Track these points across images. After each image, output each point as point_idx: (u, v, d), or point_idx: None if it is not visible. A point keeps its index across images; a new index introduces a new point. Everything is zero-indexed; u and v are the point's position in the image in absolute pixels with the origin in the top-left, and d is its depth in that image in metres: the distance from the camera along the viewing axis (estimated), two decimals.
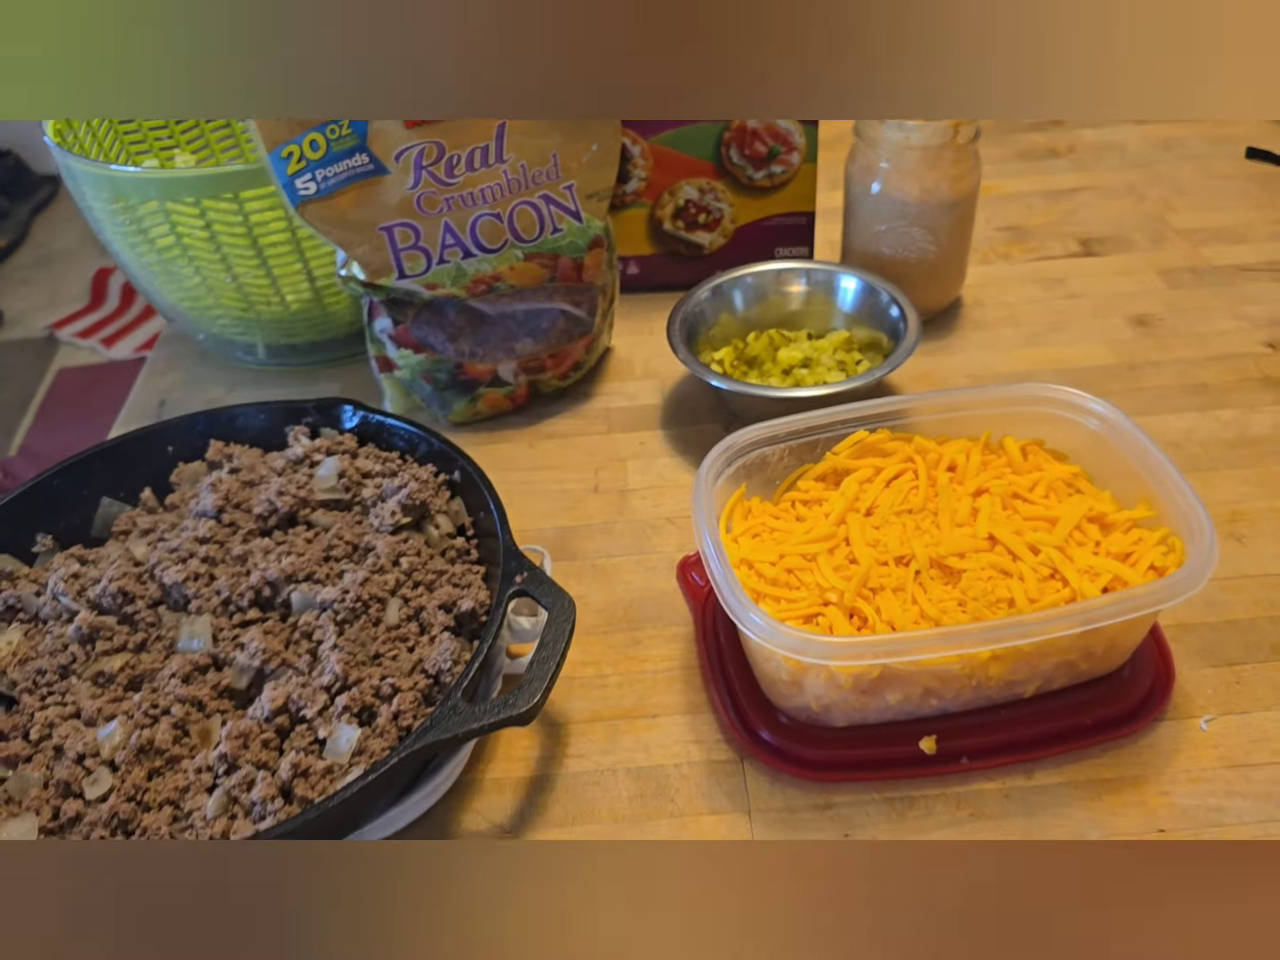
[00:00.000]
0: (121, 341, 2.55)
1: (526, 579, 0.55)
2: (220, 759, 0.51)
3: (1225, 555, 0.63)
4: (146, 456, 0.68)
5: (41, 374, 2.49)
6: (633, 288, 0.88)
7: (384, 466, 0.65)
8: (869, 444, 0.60)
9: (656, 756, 0.56)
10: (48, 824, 0.50)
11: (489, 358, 0.74)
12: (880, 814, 0.52)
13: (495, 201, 0.69)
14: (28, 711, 0.55)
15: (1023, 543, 0.54)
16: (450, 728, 0.49)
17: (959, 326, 0.83)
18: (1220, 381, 0.75)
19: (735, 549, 0.56)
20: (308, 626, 0.56)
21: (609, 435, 0.76)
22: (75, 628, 0.56)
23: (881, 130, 0.74)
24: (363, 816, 0.51)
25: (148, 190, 0.70)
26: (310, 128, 0.64)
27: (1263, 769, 0.53)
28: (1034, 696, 0.55)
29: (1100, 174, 1.00)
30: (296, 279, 0.76)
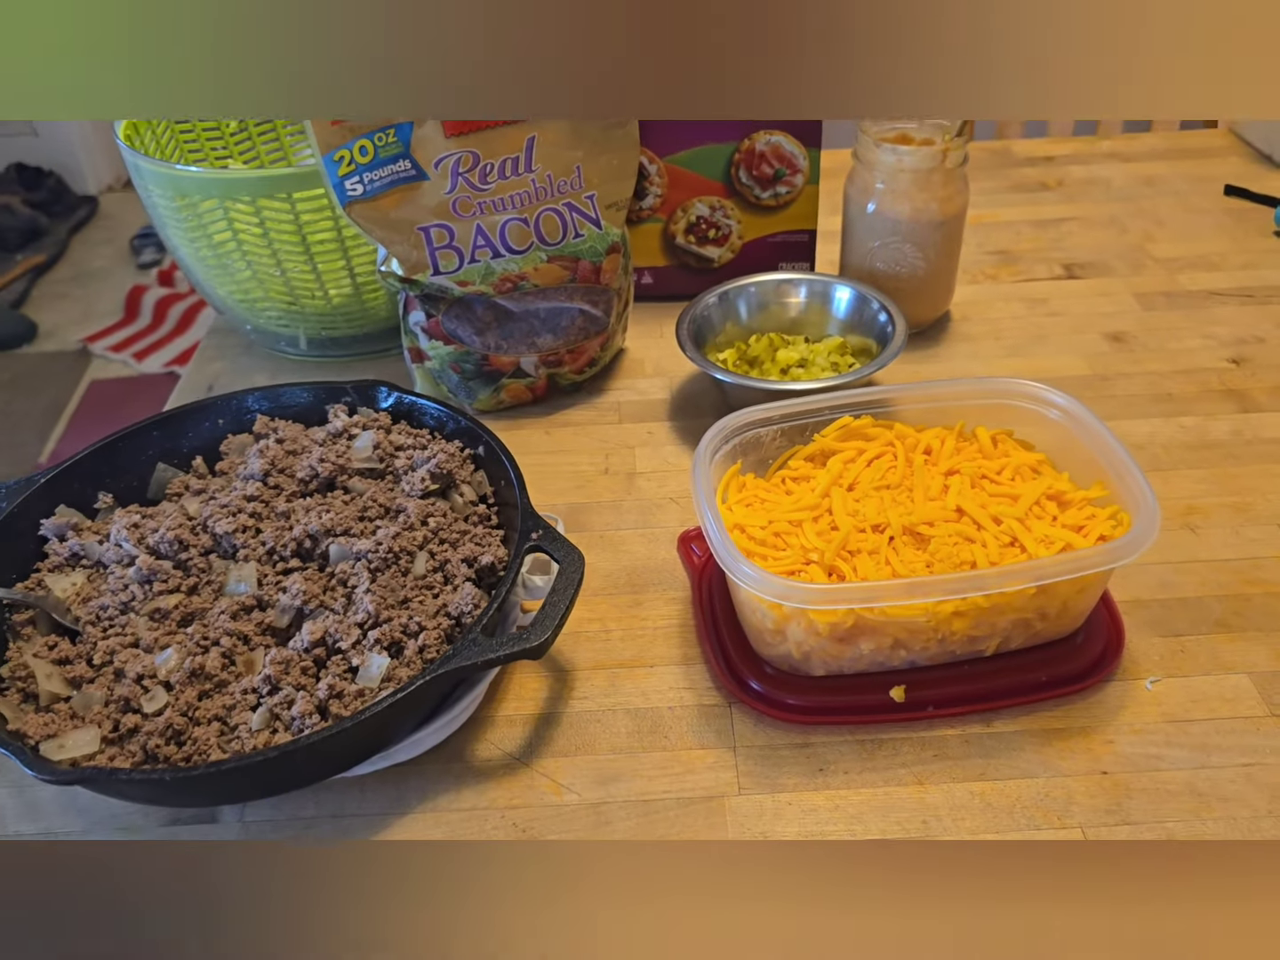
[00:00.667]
0: (152, 356, 2.64)
1: (541, 536, 0.61)
2: (264, 681, 0.57)
3: (1178, 543, 0.69)
4: (199, 427, 0.74)
5: (74, 385, 2.58)
6: (646, 297, 0.96)
7: (415, 441, 0.71)
8: (853, 429, 0.66)
9: (653, 700, 0.62)
10: (109, 734, 0.56)
11: (513, 351, 0.81)
12: (852, 753, 0.58)
13: (523, 207, 0.76)
14: (90, 641, 0.62)
15: (987, 514, 0.60)
16: (471, 656, 0.55)
17: (946, 338, 0.90)
18: (1184, 392, 0.82)
19: (730, 515, 0.62)
20: (344, 574, 0.63)
21: (619, 425, 0.82)
22: (136, 569, 0.63)
23: (877, 154, 0.81)
24: (389, 736, 0.57)
25: (209, 189, 0.78)
26: (360, 134, 0.71)
27: (1199, 724, 0.58)
28: (995, 654, 0.60)
29: (1086, 206, 1.07)
30: (339, 275, 0.83)
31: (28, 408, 2.51)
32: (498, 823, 0.56)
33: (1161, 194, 1.09)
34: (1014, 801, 0.55)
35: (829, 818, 0.55)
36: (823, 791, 0.56)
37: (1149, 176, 1.12)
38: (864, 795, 0.56)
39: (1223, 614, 0.64)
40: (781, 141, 0.86)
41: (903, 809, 0.55)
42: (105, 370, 2.62)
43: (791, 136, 0.86)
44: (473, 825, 0.56)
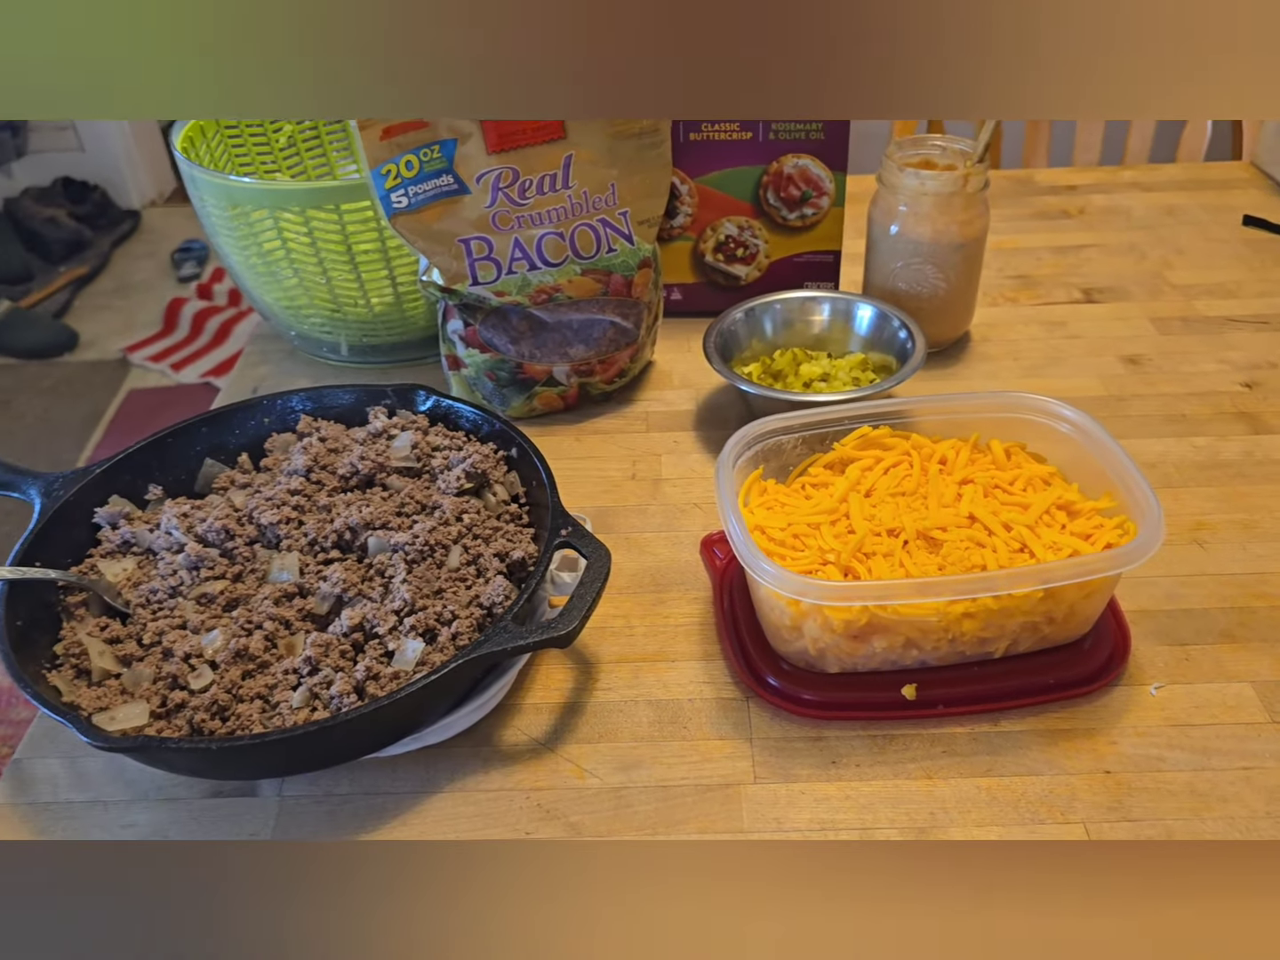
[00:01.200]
0: (189, 367, 2.70)
1: (571, 533, 0.64)
2: (305, 662, 0.60)
3: (1187, 557, 0.71)
4: (246, 425, 0.78)
5: (113, 394, 2.64)
6: (675, 312, 0.99)
7: (451, 442, 0.75)
8: (872, 438, 0.69)
9: (674, 692, 0.64)
10: (157, 709, 0.60)
11: (546, 360, 0.84)
12: (864, 747, 0.61)
13: (559, 222, 0.80)
14: (140, 622, 0.65)
15: (998, 521, 0.62)
16: (502, 642, 0.58)
17: (965, 358, 0.92)
18: (1198, 413, 0.84)
19: (751, 517, 0.65)
20: (381, 565, 0.66)
21: (647, 434, 0.86)
22: (185, 555, 0.66)
23: (901, 178, 0.84)
24: (422, 718, 0.60)
25: (261, 200, 0.82)
26: (407, 150, 0.75)
27: (1201, 729, 0.60)
28: (1003, 657, 0.63)
29: (1106, 234, 1.10)
30: (382, 284, 0.87)
31: (67, 415, 2.57)
32: (523, 804, 0.59)
33: (1181, 223, 1.11)
34: (1019, 797, 0.58)
35: (840, 807, 0.58)
36: (835, 782, 0.59)
37: (1169, 206, 1.14)
38: (874, 787, 0.59)
39: (1228, 625, 0.66)
40: (809, 165, 0.90)
41: (912, 801, 0.58)
42: (143, 380, 2.68)
43: (819, 160, 0.90)
44: (499, 806, 0.59)
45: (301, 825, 0.59)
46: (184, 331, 2.83)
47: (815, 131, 0.88)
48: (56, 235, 3.07)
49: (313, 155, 1.05)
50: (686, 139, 0.89)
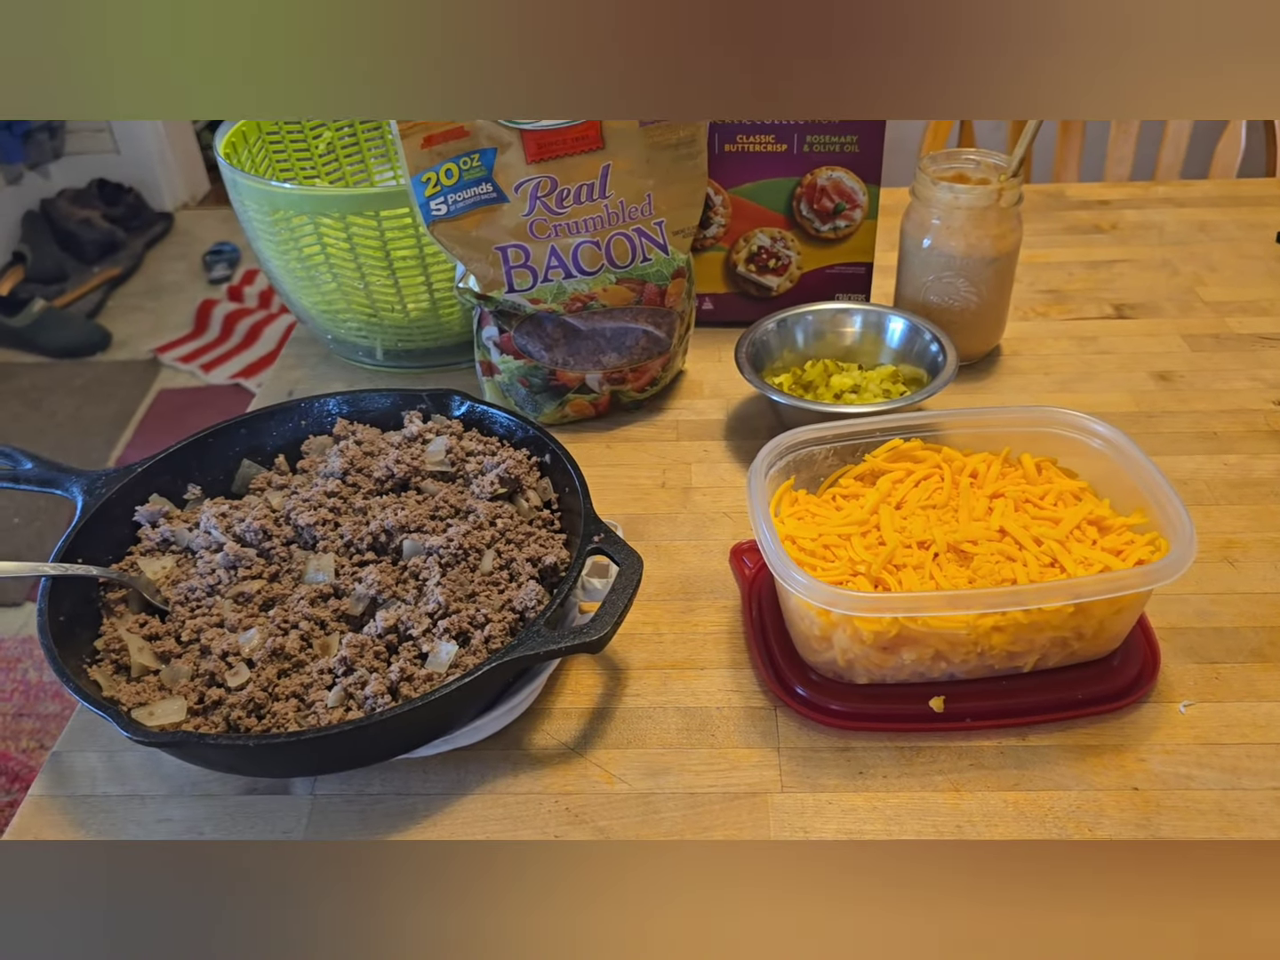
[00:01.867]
0: (219, 368, 2.73)
1: (603, 539, 0.65)
2: (340, 662, 0.61)
3: (1218, 575, 0.71)
4: (283, 427, 0.79)
5: (143, 394, 2.67)
6: (707, 322, 1.00)
7: (485, 447, 0.75)
8: (903, 451, 0.70)
9: (702, 700, 0.65)
10: (194, 705, 0.61)
11: (579, 367, 0.85)
12: (891, 759, 0.61)
13: (595, 231, 0.81)
14: (179, 620, 0.66)
15: (1029, 535, 0.63)
16: (534, 646, 0.58)
17: (996, 371, 0.92)
18: (1230, 431, 0.84)
19: (782, 527, 0.65)
20: (416, 568, 0.67)
21: (677, 442, 0.86)
22: (223, 555, 0.68)
23: (935, 191, 0.85)
24: (454, 720, 0.60)
25: (302, 205, 0.83)
26: (447, 159, 0.76)
27: (1230, 748, 0.60)
28: (1032, 671, 0.63)
29: (1139, 249, 1.10)
30: (418, 290, 0.88)
31: (98, 414, 2.61)
32: (552, 807, 0.60)
33: (1214, 239, 1.11)
34: (1046, 811, 0.58)
35: (867, 818, 0.58)
36: (862, 793, 0.59)
37: (1202, 222, 1.14)
38: (901, 799, 0.59)
39: (1259, 644, 0.66)
40: (842, 177, 0.90)
41: (938, 813, 0.58)
42: (173, 380, 2.71)
43: (852, 172, 0.90)
44: (528, 809, 0.60)
45: (333, 824, 0.60)
46: (214, 333, 2.86)
47: (849, 144, 0.89)
48: (91, 236, 3.11)
49: (351, 161, 1.07)
50: (721, 150, 0.90)
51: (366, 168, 1.07)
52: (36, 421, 2.59)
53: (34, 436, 2.53)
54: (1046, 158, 1.56)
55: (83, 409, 2.63)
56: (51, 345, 2.80)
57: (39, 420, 2.60)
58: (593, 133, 0.78)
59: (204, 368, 2.73)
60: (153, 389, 2.69)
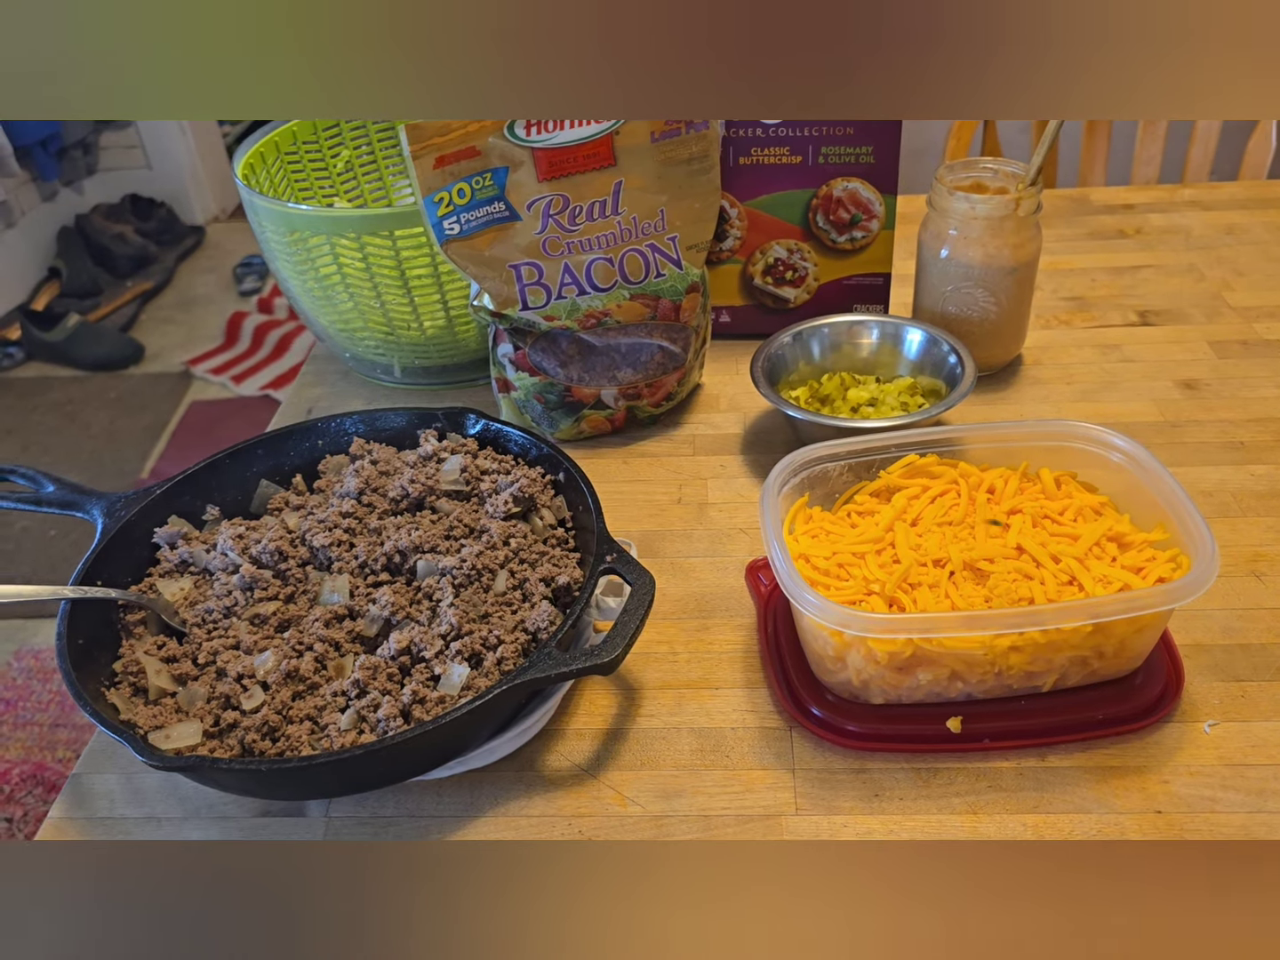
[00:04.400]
0: (250, 379, 2.75)
1: (616, 559, 0.65)
2: (353, 685, 0.61)
3: (1244, 589, 0.70)
4: (300, 447, 0.79)
5: (176, 405, 2.70)
6: (724, 335, 0.99)
7: (499, 466, 0.75)
8: (919, 466, 0.69)
9: (717, 720, 0.64)
10: (210, 728, 0.61)
11: (594, 383, 0.85)
12: (908, 780, 0.60)
13: (609, 248, 0.81)
14: (196, 642, 0.67)
15: (1046, 553, 0.62)
16: (546, 668, 0.58)
17: (1017, 382, 0.91)
18: (1257, 441, 0.82)
19: (795, 545, 0.65)
20: (429, 588, 0.67)
21: (693, 457, 0.86)
22: (239, 576, 0.68)
23: (951, 201, 0.84)
24: (466, 743, 0.60)
25: (319, 226, 0.84)
26: (460, 178, 0.76)
27: (1257, 769, 0.59)
28: (1052, 691, 0.62)
29: (1164, 254, 1.08)
30: (434, 308, 0.89)
31: (131, 426, 2.64)
32: (565, 830, 0.59)
33: (1241, 243, 1.09)
34: (1066, 835, 0.57)
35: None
36: (878, 816, 0.58)
37: (1229, 225, 1.12)
38: (918, 821, 0.58)
39: None
40: (858, 188, 0.90)
41: (956, 836, 0.57)
42: (205, 392, 2.74)
43: (868, 183, 0.89)
44: (541, 831, 0.59)
45: None
46: (245, 344, 2.89)
47: (865, 155, 0.88)
48: (124, 251, 3.16)
49: (369, 179, 1.07)
50: (736, 163, 0.90)
51: (385, 184, 1.08)
52: (72, 434, 2.63)
53: (70, 449, 2.57)
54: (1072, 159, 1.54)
55: (117, 421, 2.67)
56: (86, 359, 2.84)
57: (74, 433, 2.64)
58: (604, 150, 0.78)
59: (235, 379, 2.76)
60: (185, 401, 2.72)
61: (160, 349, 2.93)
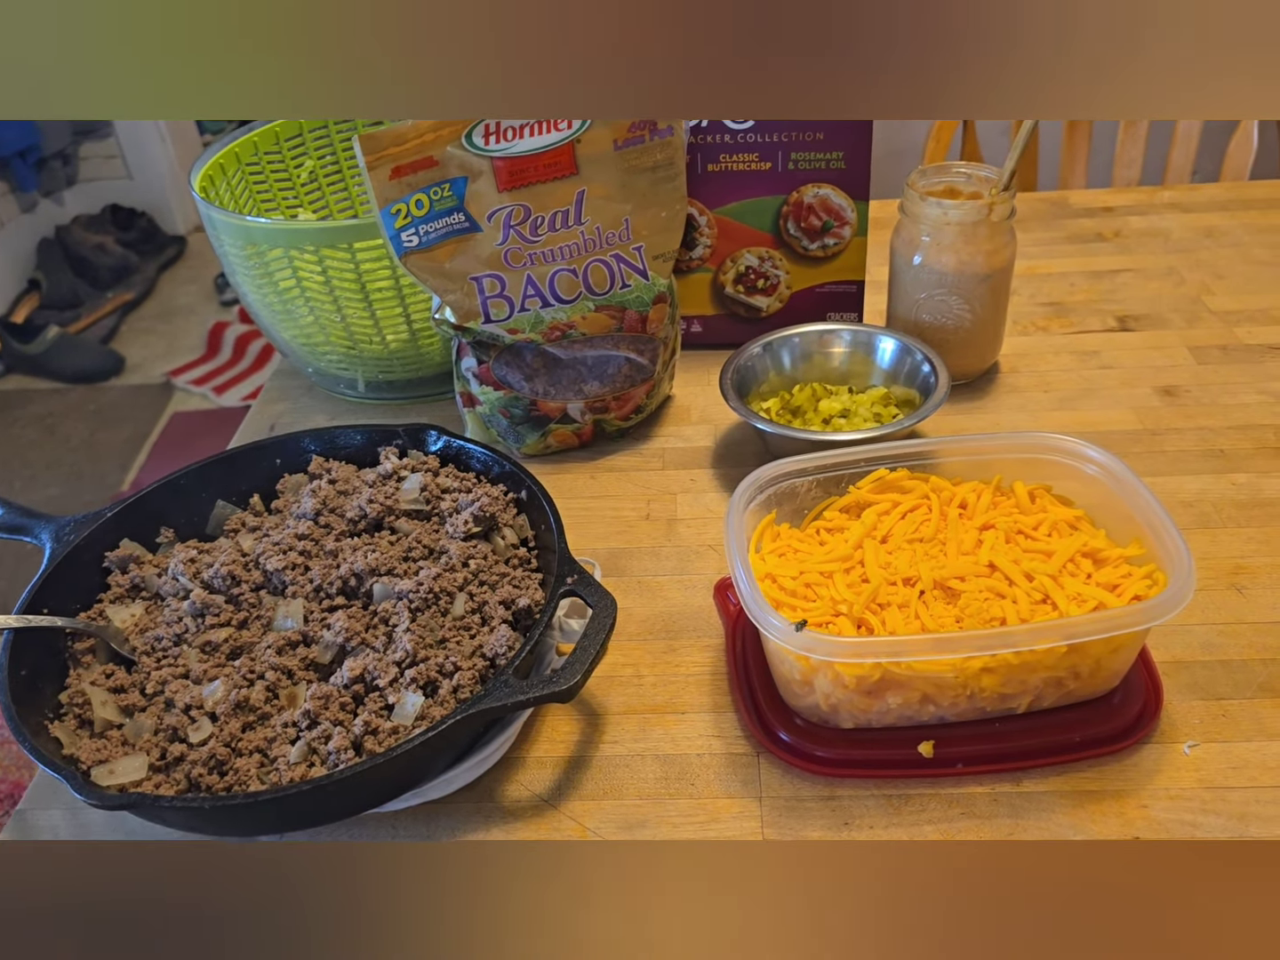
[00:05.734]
0: (231, 390, 2.73)
1: (577, 580, 0.63)
2: (304, 715, 0.59)
3: (1225, 603, 0.68)
4: (257, 466, 0.77)
5: (157, 416, 2.68)
6: (695, 345, 0.97)
7: (460, 484, 0.73)
8: (889, 481, 0.67)
9: (682, 746, 0.62)
10: (156, 762, 0.59)
11: (560, 397, 0.83)
12: (878, 808, 0.58)
13: (572, 258, 0.79)
14: (145, 670, 0.64)
15: (1019, 570, 0.60)
16: (502, 697, 0.56)
17: (994, 390, 0.89)
18: (1237, 449, 0.80)
19: (762, 564, 0.63)
20: (385, 613, 0.65)
21: (663, 471, 0.84)
22: (190, 603, 0.66)
23: (923, 207, 0.82)
24: (422, 774, 0.58)
25: (276, 239, 0.81)
26: (417, 189, 0.74)
27: (1238, 792, 0.57)
28: (1027, 712, 0.60)
29: (1143, 257, 1.06)
30: (396, 322, 0.87)
31: (112, 438, 2.62)
32: None
33: (1221, 245, 1.07)
34: None
35: None
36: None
37: (1209, 227, 1.11)
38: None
39: (1268, 678, 0.63)
40: (830, 194, 0.88)
41: None
42: (186, 403, 2.72)
43: (839, 189, 0.88)
44: None
45: None
46: (226, 355, 2.87)
47: (835, 160, 0.86)
48: (105, 261, 3.13)
49: (335, 189, 1.05)
50: (704, 170, 0.88)
51: (350, 195, 1.06)
52: (52, 447, 2.60)
53: (49, 462, 2.54)
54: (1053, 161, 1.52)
55: (97, 434, 2.64)
56: (66, 371, 2.81)
57: (54, 446, 2.61)
58: (565, 158, 0.76)
59: (216, 390, 2.74)
60: (166, 412, 2.70)
61: (141, 360, 2.90)
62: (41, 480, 2.48)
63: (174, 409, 2.71)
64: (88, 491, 2.43)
